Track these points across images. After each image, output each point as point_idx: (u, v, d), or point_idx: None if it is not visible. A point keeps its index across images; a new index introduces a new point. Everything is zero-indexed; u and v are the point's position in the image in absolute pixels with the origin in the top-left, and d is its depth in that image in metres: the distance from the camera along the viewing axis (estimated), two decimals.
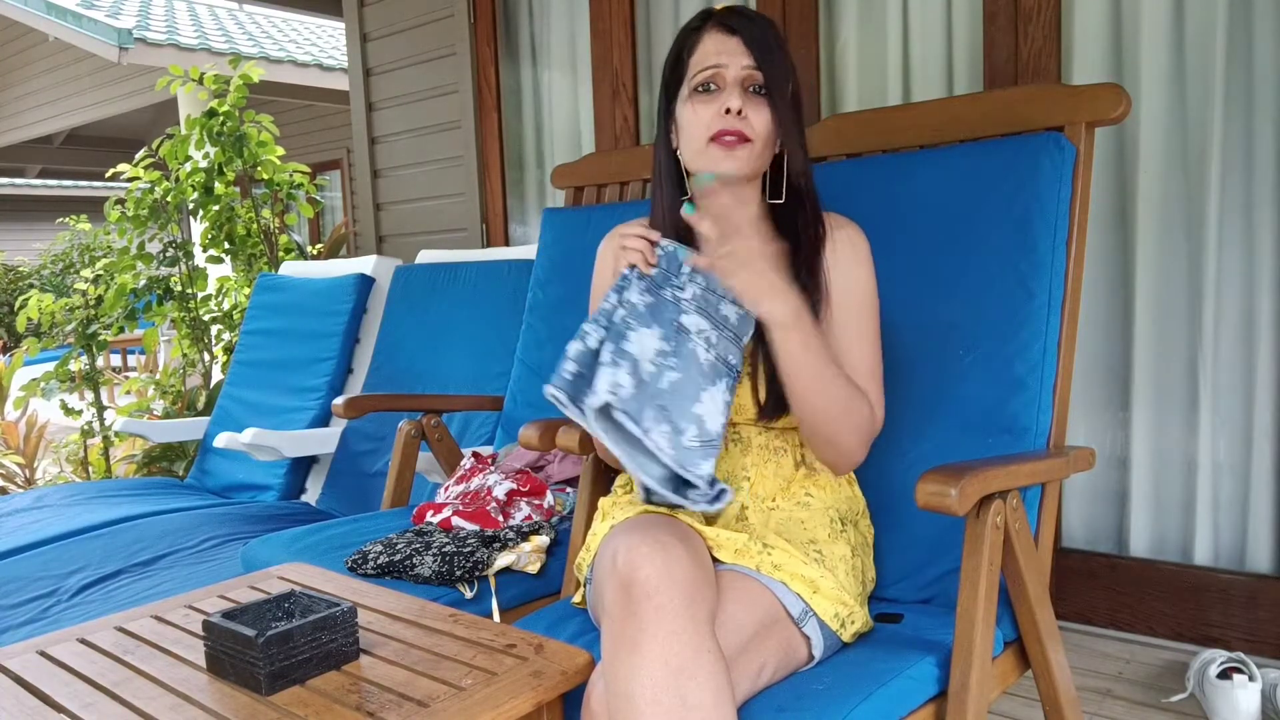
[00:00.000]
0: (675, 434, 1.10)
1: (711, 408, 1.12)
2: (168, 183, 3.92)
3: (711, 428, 1.12)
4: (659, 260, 1.17)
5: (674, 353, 1.13)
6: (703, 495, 1.12)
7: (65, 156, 11.59)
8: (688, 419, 1.11)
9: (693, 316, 1.15)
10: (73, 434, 4.05)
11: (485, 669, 1.03)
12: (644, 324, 1.14)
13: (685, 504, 1.12)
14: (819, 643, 1.11)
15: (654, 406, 1.10)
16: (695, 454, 1.10)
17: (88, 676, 1.06)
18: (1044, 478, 1.24)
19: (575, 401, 1.11)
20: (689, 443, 1.10)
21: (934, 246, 1.45)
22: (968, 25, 2.25)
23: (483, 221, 3.31)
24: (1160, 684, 1.89)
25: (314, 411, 2.79)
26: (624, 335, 1.13)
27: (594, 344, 1.14)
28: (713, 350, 1.15)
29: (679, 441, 1.10)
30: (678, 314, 1.16)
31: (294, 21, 9.30)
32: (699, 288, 1.16)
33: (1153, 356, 2.09)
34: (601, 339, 1.13)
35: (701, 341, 1.14)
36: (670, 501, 1.13)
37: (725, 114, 1.18)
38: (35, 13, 7.25)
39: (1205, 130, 1.99)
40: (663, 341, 1.13)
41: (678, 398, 1.12)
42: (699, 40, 1.22)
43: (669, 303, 1.16)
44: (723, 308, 1.16)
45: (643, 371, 1.11)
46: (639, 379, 1.11)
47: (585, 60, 3.05)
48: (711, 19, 1.23)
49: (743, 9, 1.23)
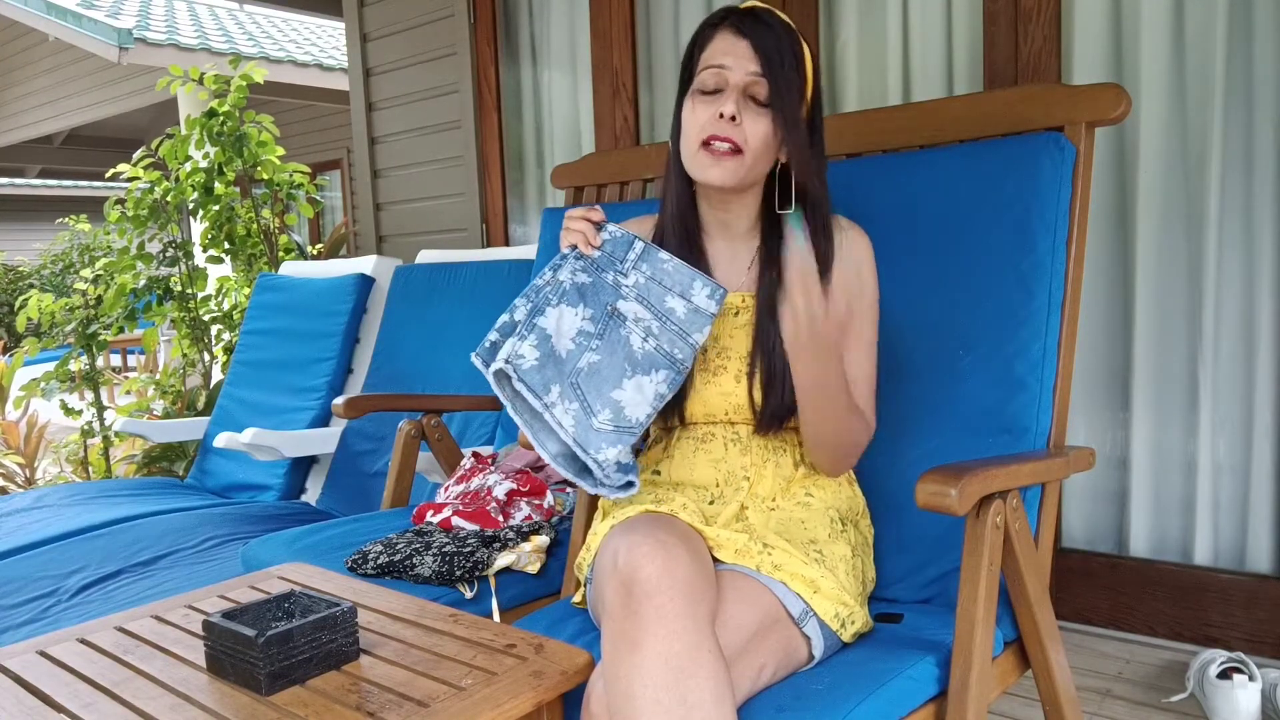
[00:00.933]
0: (585, 414, 1.12)
1: (637, 396, 1.13)
2: (167, 183, 3.92)
3: (632, 414, 1.13)
4: (604, 244, 1.18)
5: (599, 335, 1.14)
6: (602, 482, 1.13)
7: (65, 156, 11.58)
8: (603, 402, 1.13)
9: (631, 304, 1.16)
10: (73, 434, 4.05)
11: (485, 669, 1.03)
12: (568, 302, 1.15)
13: (582, 485, 1.14)
14: (819, 643, 1.11)
15: (565, 383, 1.12)
16: (602, 437, 1.12)
17: (88, 676, 1.06)
18: (1044, 478, 1.24)
19: (488, 366, 1.14)
20: (600, 425, 1.12)
21: (934, 246, 1.45)
22: (968, 25, 2.25)
23: (483, 221, 3.31)
24: (1160, 684, 1.89)
25: (314, 411, 2.79)
26: (541, 310, 1.15)
27: (520, 316, 1.16)
28: (652, 340, 1.15)
29: (588, 422, 1.12)
30: (615, 299, 1.16)
31: (294, 21, 9.29)
32: (643, 276, 1.17)
33: (1153, 356, 2.09)
34: (526, 311, 1.16)
35: (639, 330, 1.15)
36: (567, 477, 1.15)
37: (720, 119, 1.17)
38: (35, 13, 7.25)
39: (1205, 130, 1.99)
40: (588, 322, 1.15)
41: (595, 379, 1.13)
42: (711, 38, 1.20)
43: (607, 286, 1.17)
44: (668, 300, 1.16)
45: (558, 348, 1.13)
46: (549, 353, 1.12)
47: (585, 60, 3.05)
48: (728, 19, 1.20)
49: (763, 11, 1.20)
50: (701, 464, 1.26)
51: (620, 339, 1.15)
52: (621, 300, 1.16)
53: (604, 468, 1.12)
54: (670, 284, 1.16)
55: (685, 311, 1.16)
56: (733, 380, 1.24)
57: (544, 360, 1.12)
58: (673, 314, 1.16)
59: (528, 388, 1.11)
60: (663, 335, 1.15)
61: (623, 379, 1.13)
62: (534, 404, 1.11)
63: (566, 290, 1.16)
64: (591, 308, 1.15)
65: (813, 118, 1.22)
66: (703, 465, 1.26)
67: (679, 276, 1.17)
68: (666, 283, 1.16)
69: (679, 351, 1.16)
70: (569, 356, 1.13)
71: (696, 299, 1.16)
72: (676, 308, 1.16)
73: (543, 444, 1.15)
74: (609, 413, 1.12)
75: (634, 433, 1.13)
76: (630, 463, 1.15)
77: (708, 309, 1.16)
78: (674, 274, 1.17)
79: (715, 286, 1.17)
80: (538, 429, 1.16)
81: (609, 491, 1.14)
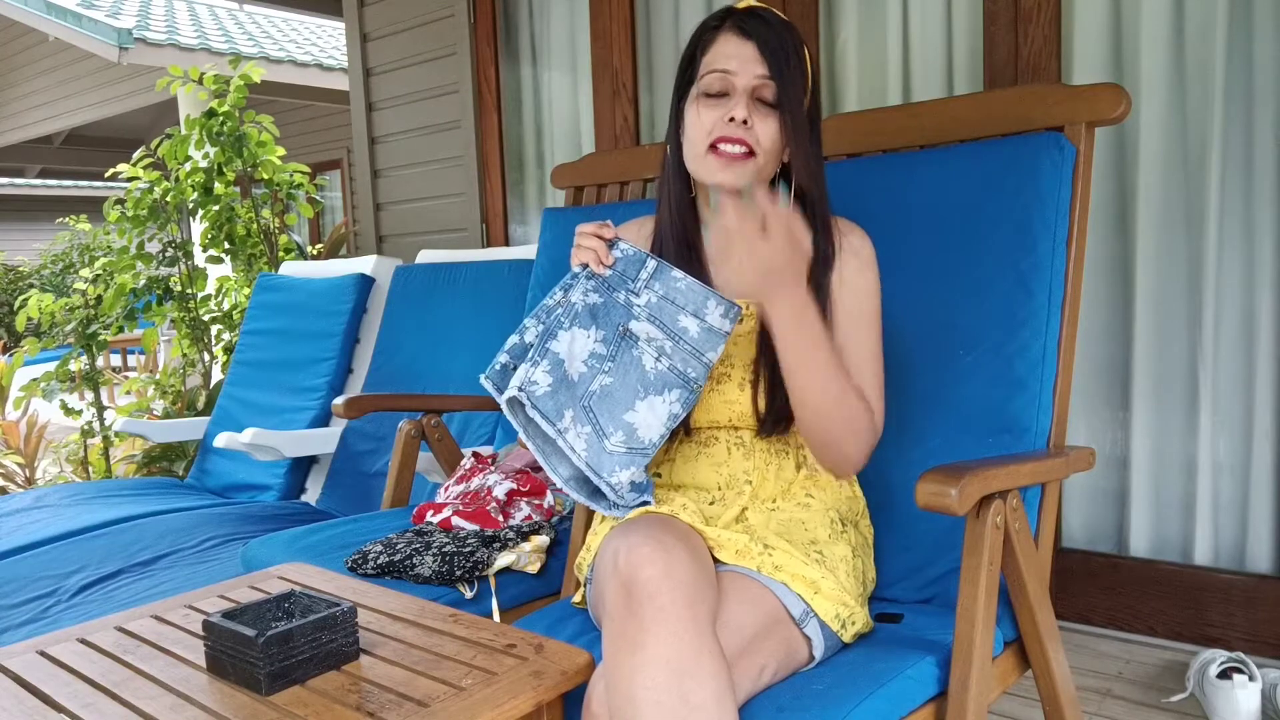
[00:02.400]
0: (598, 437, 1.10)
1: (649, 417, 1.11)
2: (167, 183, 3.92)
3: (645, 436, 1.11)
4: (616, 262, 1.16)
5: (610, 357, 1.12)
6: (616, 504, 1.12)
7: (65, 156, 11.58)
8: (616, 424, 1.11)
9: (644, 324, 1.14)
10: (73, 434, 4.05)
11: (485, 669, 1.03)
12: (580, 324, 1.13)
13: (595, 507, 1.13)
14: (820, 643, 1.11)
15: (578, 407, 1.10)
16: (615, 460, 1.10)
17: (88, 676, 1.06)
18: (1044, 478, 1.24)
19: (501, 392, 1.13)
20: (612, 447, 1.10)
21: (934, 246, 1.45)
22: (968, 25, 2.25)
23: (483, 221, 3.31)
24: (1160, 684, 1.89)
25: (314, 411, 2.79)
26: (553, 334, 1.13)
27: (531, 338, 1.15)
28: (665, 360, 1.13)
29: (600, 445, 1.10)
30: (627, 319, 1.14)
31: (294, 21, 9.29)
32: (655, 295, 1.14)
33: (1153, 356, 2.09)
34: (538, 334, 1.14)
35: (651, 350, 1.13)
36: (580, 502, 1.14)
37: (729, 122, 1.16)
38: (35, 13, 7.25)
39: (1205, 130, 1.99)
40: (599, 344, 1.13)
41: (608, 402, 1.11)
42: (714, 40, 1.19)
43: (619, 306, 1.14)
44: (681, 319, 1.14)
45: (570, 371, 1.11)
46: (562, 378, 1.11)
47: (585, 60, 3.05)
48: (730, 20, 1.19)
49: (763, 11, 1.19)
50: (704, 468, 1.26)
51: (633, 360, 1.13)
52: (634, 320, 1.14)
53: (617, 490, 1.10)
54: (683, 303, 1.14)
55: (699, 330, 1.14)
56: (736, 388, 1.23)
57: (556, 385, 1.10)
58: (686, 333, 1.14)
59: (542, 415, 1.09)
60: (676, 355, 1.13)
61: (635, 400, 1.12)
62: (547, 430, 1.10)
63: (579, 312, 1.14)
64: (603, 329, 1.13)
65: (813, 116, 1.22)
66: (705, 469, 1.26)
67: (692, 295, 1.14)
68: (680, 301, 1.14)
69: (692, 370, 1.14)
70: (580, 380, 1.11)
71: (710, 318, 1.14)
72: (690, 327, 1.14)
73: (554, 468, 1.14)
74: (622, 434, 1.11)
75: (647, 454, 1.12)
76: (644, 481, 1.14)
77: (721, 328, 1.14)
78: (687, 293, 1.14)
79: (730, 305, 1.14)
80: (549, 453, 1.14)
81: (622, 511, 1.12)
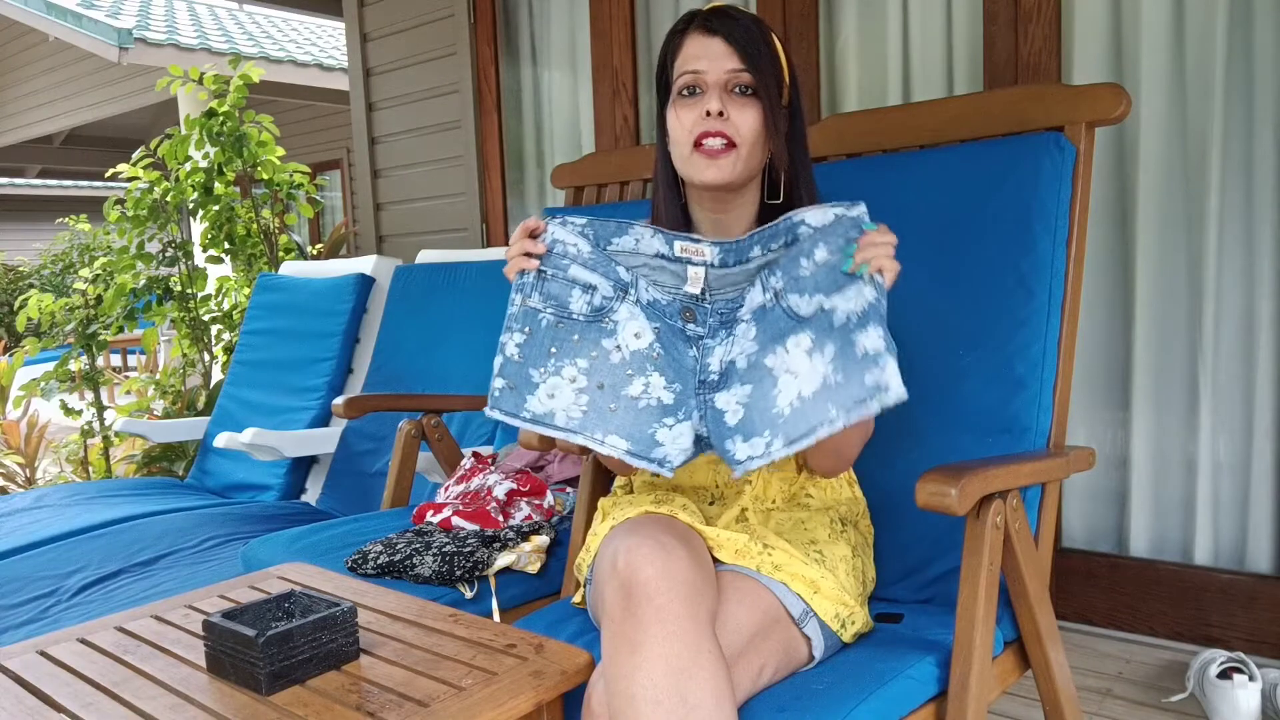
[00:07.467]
0: (632, 438, 1.10)
1: (674, 447, 1.10)
2: (167, 183, 3.92)
3: (662, 453, 1.10)
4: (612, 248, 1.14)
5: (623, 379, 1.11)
6: (663, 461, 1.10)
7: (65, 156, 11.58)
8: (642, 435, 1.10)
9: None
10: (73, 434, 4.05)
11: (485, 669, 1.03)
12: (581, 353, 1.12)
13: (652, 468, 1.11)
14: (819, 643, 1.11)
15: (606, 428, 1.10)
16: (653, 446, 1.10)
17: (88, 676, 1.06)
18: (1044, 478, 1.24)
19: (517, 414, 1.11)
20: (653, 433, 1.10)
21: (934, 246, 1.45)
22: (968, 25, 2.25)
23: (483, 221, 3.31)
24: (1160, 684, 1.89)
25: (314, 411, 2.79)
26: (558, 371, 1.12)
27: (512, 352, 1.15)
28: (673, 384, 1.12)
29: (637, 434, 1.10)
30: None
31: (294, 21, 9.29)
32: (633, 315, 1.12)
33: (1153, 356, 2.09)
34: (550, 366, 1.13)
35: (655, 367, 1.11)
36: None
37: (706, 117, 1.16)
38: (35, 13, 7.24)
39: (1205, 130, 1.99)
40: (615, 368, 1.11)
41: (631, 413, 1.11)
42: (682, 44, 1.20)
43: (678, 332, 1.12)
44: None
45: (600, 401, 1.11)
46: (591, 402, 1.10)
47: (585, 60, 3.05)
48: (695, 20, 1.20)
49: (728, 9, 1.20)
50: (701, 467, 1.26)
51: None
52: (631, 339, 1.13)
53: (663, 455, 1.09)
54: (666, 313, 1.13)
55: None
56: None
57: (589, 407, 1.10)
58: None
59: (568, 431, 1.10)
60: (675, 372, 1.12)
61: (663, 418, 1.11)
62: (582, 443, 1.11)
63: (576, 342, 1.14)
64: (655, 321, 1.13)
65: (793, 107, 1.22)
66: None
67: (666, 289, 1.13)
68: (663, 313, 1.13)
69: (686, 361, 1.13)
70: (606, 393, 1.11)
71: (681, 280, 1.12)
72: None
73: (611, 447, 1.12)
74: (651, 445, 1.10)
75: (671, 467, 1.10)
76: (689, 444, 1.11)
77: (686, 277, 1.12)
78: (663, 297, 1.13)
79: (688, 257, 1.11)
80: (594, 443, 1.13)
81: (678, 458, 1.10)
